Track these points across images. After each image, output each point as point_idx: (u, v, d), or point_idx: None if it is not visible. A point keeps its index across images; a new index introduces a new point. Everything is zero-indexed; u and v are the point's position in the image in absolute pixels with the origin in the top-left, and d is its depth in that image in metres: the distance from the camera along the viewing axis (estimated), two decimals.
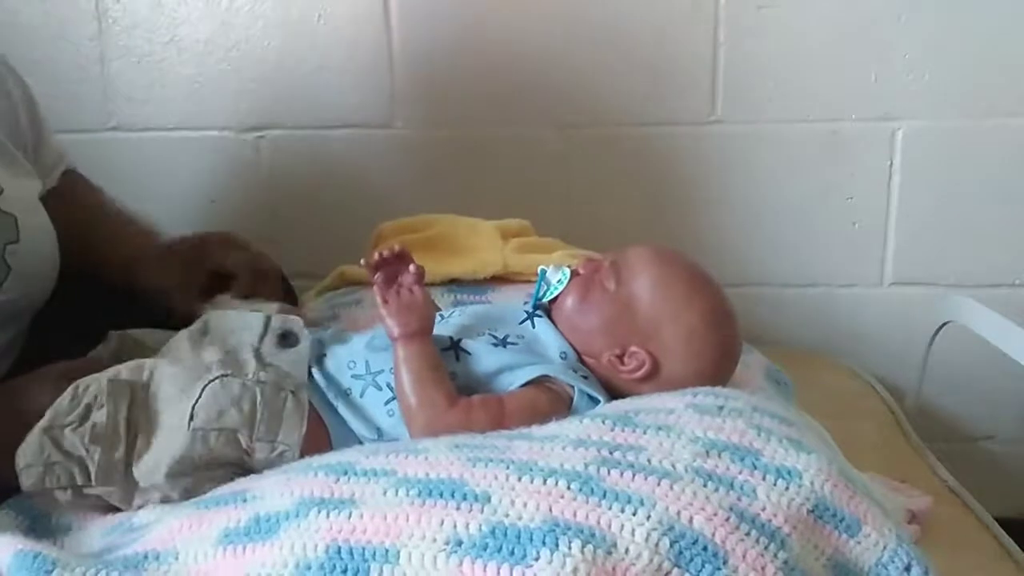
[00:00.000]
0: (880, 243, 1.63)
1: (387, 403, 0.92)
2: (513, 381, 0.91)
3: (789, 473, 0.75)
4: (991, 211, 1.61)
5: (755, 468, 0.75)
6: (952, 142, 1.59)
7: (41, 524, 0.88)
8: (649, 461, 0.74)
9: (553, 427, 0.83)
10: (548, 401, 0.90)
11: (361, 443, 0.91)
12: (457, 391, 0.90)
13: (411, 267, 0.96)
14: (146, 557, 0.74)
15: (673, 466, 0.74)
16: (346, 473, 0.75)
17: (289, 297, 1.18)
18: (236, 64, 1.62)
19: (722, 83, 1.59)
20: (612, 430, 0.80)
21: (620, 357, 0.94)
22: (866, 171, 1.61)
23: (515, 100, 1.63)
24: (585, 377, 0.93)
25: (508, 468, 0.72)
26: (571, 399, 0.91)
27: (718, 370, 0.95)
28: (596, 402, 0.91)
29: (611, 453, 0.76)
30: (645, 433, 0.79)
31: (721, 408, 0.83)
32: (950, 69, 1.56)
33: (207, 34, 1.62)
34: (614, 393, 0.94)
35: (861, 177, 1.61)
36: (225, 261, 1.12)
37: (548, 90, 1.62)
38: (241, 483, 0.82)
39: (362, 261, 0.98)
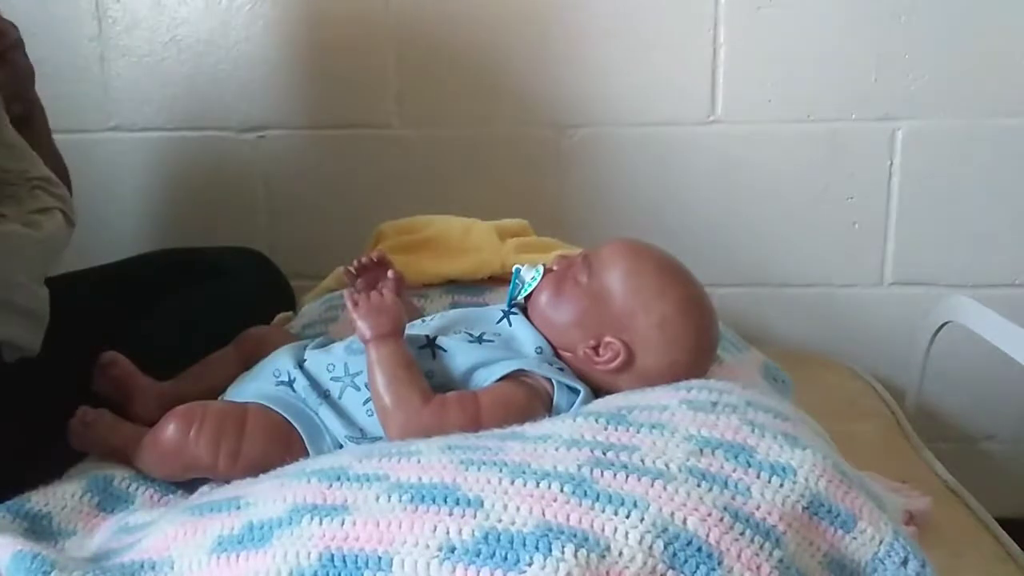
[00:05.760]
0: (880, 243, 1.63)
1: (365, 403, 0.93)
2: (488, 376, 0.92)
3: (783, 470, 0.75)
4: (991, 211, 1.60)
5: (749, 466, 0.74)
6: (952, 142, 1.59)
7: (40, 526, 0.88)
8: (642, 461, 0.74)
9: (547, 426, 0.82)
10: (524, 396, 0.90)
11: (340, 445, 0.92)
12: (434, 389, 0.90)
13: (389, 273, 0.97)
14: (142, 567, 0.74)
15: (667, 466, 0.73)
16: (339, 479, 0.75)
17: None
18: (236, 64, 1.63)
19: (722, 83, 1.59)
20: (605, 429, 0.79)
21: (595, 348, 0.94)
22: (866, 171, 1.61)
23: (515, 100, 1.63)
24: (561, 370, 0.93)
25: (501, 471, 0.72)
26: (549, 394, 0.91)
27: (694, 359, 0.94)
28: (576, 392, 0.91)
29: (604, 453, 0.75)
30: (639, 432, 0.79)
31: (715, 404, 0.83)
32: (950, 69, 1.56)
33: (207, 34, 1.62)
34: (593, 388, 0.93)
35: (861, 177, 1.61)
36: None
37: (548, 90, 1.62)
38: (235, 488, 0.82)
39: (341, 268, 0.99)
